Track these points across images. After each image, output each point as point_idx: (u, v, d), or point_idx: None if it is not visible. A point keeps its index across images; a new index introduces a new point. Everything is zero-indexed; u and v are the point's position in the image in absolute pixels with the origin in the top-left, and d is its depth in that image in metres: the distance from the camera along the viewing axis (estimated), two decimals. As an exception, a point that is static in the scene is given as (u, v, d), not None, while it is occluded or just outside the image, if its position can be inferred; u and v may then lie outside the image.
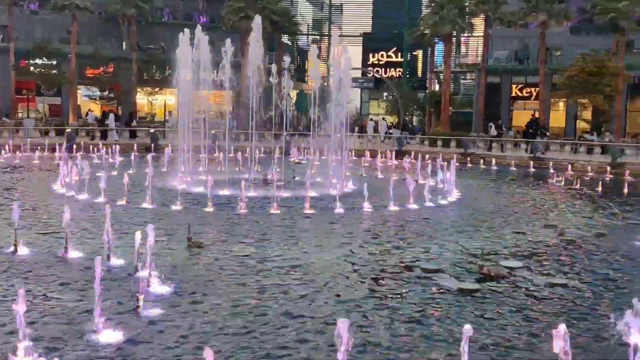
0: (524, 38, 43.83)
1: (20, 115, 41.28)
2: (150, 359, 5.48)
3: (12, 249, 9.04)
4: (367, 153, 28.00)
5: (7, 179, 18.56)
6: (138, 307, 6.59)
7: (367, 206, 14.06)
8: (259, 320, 6.51)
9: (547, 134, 34.06)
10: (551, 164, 26.93)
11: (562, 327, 4.51)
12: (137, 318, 6.44)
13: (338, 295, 7.48)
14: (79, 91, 42.54)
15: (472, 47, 52.78)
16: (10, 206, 11.78)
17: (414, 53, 56.79)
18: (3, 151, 26.30)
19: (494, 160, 28.92)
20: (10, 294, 6.97)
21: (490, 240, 11.09)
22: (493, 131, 34.46)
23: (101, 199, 14.04)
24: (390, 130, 41.55)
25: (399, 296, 7.57)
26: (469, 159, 29.69)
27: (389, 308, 7.09)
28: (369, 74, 55.52)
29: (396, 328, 6.44)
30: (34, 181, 18.47)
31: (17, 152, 26.34)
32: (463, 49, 53.37)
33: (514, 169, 27.02)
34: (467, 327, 4.69)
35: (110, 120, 36.56)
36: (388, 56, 56.42)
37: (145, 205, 13.65)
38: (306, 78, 54.08)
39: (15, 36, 40.37)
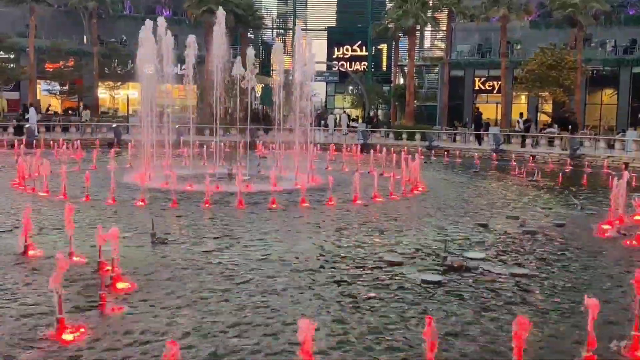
0: (486, 32, 44.49)
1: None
2: (114, 356, 5.41)
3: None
4: (332, 147, 28.07)
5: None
6: (101, 304, 6.50)
7: (332, 200, 14.12)
8: (222, 315, 6.49)
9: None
10: (513, 156, 27.44)
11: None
12: (100, 316, 6.35)
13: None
14: (38, 86, 41.60)
15: (436, 40, 53.29)
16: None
17: (379, 47, 57.17)
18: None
19: (457, 153, 29.34)
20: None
21: (453, 232, 11.24)
22: (521, 126, 33.90)
23: (62, 196, 13.79)
24: (355, 124, 41.76)
25: (360, 285, 7.63)
26: (433, 151, 30.05)
27: (352, 300, 7.13)
28: (334, 67, 55.64)
29: (356, 319, 6.48)
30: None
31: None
32: (427, 42, 53.82)
33: (477, 161, 27.43)
34: None
35: (31, 115, 34.00)
36: (353, 50, 56.63)
37: (107, 201, 13.46)
38: (271, 72, 53.87)
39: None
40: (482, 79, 45.88)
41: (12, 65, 40.43)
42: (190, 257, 8.92)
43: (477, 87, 46.14)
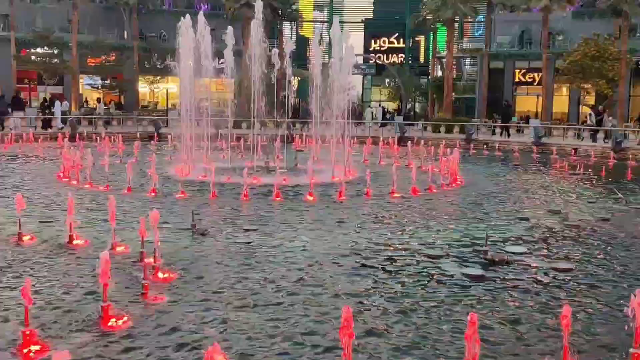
0: (527, 22, 43.61)
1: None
2: (156, 345, 5.51)
3: (16, 238, 9.06)
4: (369, 140, 27.95)
5: (11, 168, 18.60)
6: (144, 294, 6.62)
7: (370, 193, 14.07)
8: (263, 306, 6.54)
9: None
10: (555, 149, 26.88)
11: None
12: (143, 305, 6.47)
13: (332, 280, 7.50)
14: (80, 80, 42.50)
15: (475, 32, 52.47)
16: (13, 196, 11.83)
17: (417, 39, 56.52)
18: (6, 140, 26.35)
19: (497, 146, 28.89)
20: (17, 283, 7.01)
21: (494, 226, 11.08)
22: (592, 119, 33.20)
23: (104, 188, 14.10)
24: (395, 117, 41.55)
25: (402, 282, 7.59)
26: (472, 144, 29.65)
27: (393, 294, 7.10)
28: (371, 60, 55.30)
29: (397, 314, 6.45)
30: (37, 170, 18.46)
31: (20, 141, 26.37)
32: (466, 34, 53.03)
33: (517, 154, 26.97)
34: None
35: (56, 108, 34.52)
36: (390, 42, 56.15)
37: (149, 193, 13.69)
38: (308, 65, 53.85)
39: (16, 25, 40.26)
40: (523, 71, 45.05)
41: (55, 60, 41.36)
42: (230, 248, 9.01)
43: (517, 79, 45.31)
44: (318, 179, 15.85)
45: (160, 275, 7.38)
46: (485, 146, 29.48)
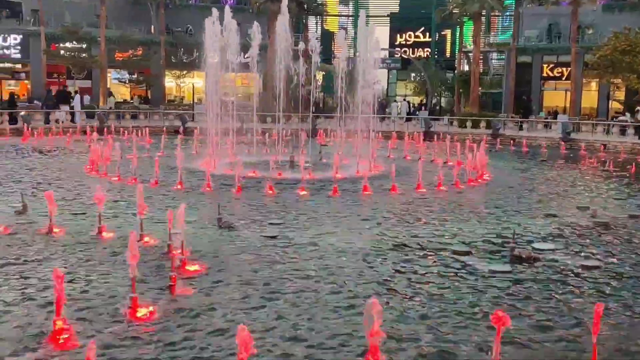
0: (555, 16, 42.92)
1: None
2: (184, 336, 5.58)
3: (47, 229, 9.24)
4: (394, 135, 27.84)
5: (39, 162, 18.93)
6: (171, 286, 6.70)
7: (395, 188, 14.02)
8: (287, 300, 6.57)
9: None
10: (583, 145, 26.49)
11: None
12: (170, 296, 6.55)
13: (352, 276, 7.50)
14: (108, 74, 43.02)
15: (502, 25, 51.84)
16: (44, 188, 12.07)
17: (443, 33, 56.08)
18: (35, 133, 26.79)
19: (524, 142, 28.55)
20: (48, 273, 7.15)
21: (521, 222, 10.96)
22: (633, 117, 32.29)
23: (132, 181, 14.30)
24: (418, 112, 41.33)
25: (428, 277, 7.56)
26: (498, 140, 29.35)
27: (419, 290, 7.08)
28: (396, 54, 55.00)
29: (425, 309, 6.43)
30: (66, 163, 18.77)
31: (49, 135, 26.82)
32: (493, 28, 52.41)
33: (545, 150, 26.62)
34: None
35: (76, 102, 34.69)
36: (416, 36, 55.80)
37: (175, 186, 13.83)
38: (333, 59, 53.76)
39: (46, 20, 40.90)
40: (551, 66, 44.36)
41: (84, 54, 41.93)
42: (255, 241, 9.07)
43: (545, 74, 44.65)
44: (343, 173, 15.86)
45: (187, 267, 7.46)
46: (512, 141, 29.15)
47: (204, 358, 5.19)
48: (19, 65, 43.76)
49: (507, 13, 47.23)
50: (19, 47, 42.93)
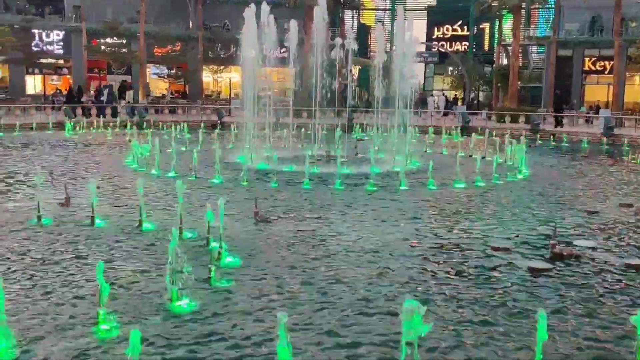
0: (597, 9, 41.87)
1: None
2: (222, 327, 5.65)
3: (89, 221, 9.45)
4: (431, 129, 27.59)
5: (81, 155, 19.36)
6: (209, 277, 6.79)
7: (432, 183, 13.91)
8: (322, 294, 6.59)
9: None
10: (625, 140, 25.82)
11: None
12: (209, 288, 6.63)
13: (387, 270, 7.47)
14: (147, 69, 43.69)
15: (542, 18, 50.78)
16: (86, 181, 12.33)
17: (481, 26, 55.21)
18: (77, 127, 27.44)
19: (564, 137, 27.97)
20: (91, 265, 7.32)
21: (562, 219, 10.76)
22: None
23: (172, 174, 14.52)
24: (455, 106, 40.88)
25: (466, 275, 7.49)
26: (538, 135, 28.83)
27: (457, 287, 7.02)
28: (434, 48, 54.42)
29: (462, 307, 6.37)
30: (107, 156, 19.16)
31: (90, 129, 27.41)
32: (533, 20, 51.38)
33: (586, 145, 26.06)
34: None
35: (105, 97, 35.26)
36: (453, 30, 55.08)
37: (213, 180, 14.00)
38: (369, 53, 53.52)
39: (87, 16, 41.74)
40: (593, 59, 43.32)
41: (124, 50, 42.67)
42: (292, 235, 9.12)
43: (586, 68, 43.63)
44: (379, 168, 15.79)
45: (225, 260, 7.54)
46: (552, 137, 28.59)
47: (242, 347, 5.24)
48: (61, 61, 44.81)
49: (548, 6, 46.21)
50: (61, 43, 43.96)
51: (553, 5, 44.24)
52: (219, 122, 31.24)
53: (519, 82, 42.53)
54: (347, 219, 10.43)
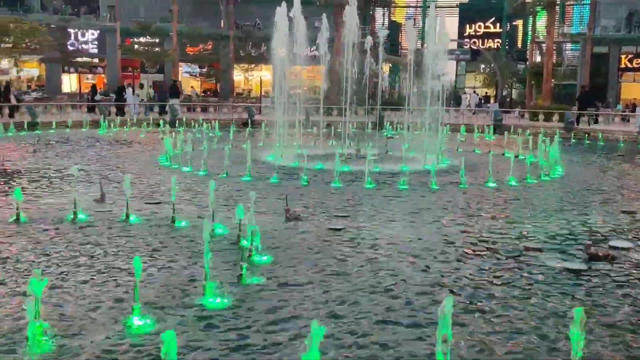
0: (634, 4, 40.92)
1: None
2: (253, 323, 5.68)
3: (124, 217, 9.61)
4: (463, 128, 27.33)
5: (115, 152, 19.70)
6: (241, 275, 6.84)
7: (463, 182, 13.78)
8: (353, 292, 6.58)
9: None
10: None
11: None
12: (240, 285, 6.68)
13: (428, 267, 7.42)
14: (180, 68, 44.24)
15: (577, 15, 49.85)
16: (120, 178, 12.56)
17: (514, 23, 54.49)
18: (112, 125, 27.91)
19: (600, 135, 27.43)
20: (126, 260, 7.44)
21: (596, 219, 10.56)
22: None
23: (203, 172, 14.67)
24: (488, 104, 40.45)
25: (499, 275, 7.40)
26: (572, 133, 28.33)
27: (489, 286, 6.94)
28: (466, 45, 53.90)
29: (495, 307, 6.30)
30: (141, 154, 19.45)
31: (124, 127, 27.84)
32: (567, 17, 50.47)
33: (622, 144, 25.50)
34: None
35: (128, 96, 35.76)
36: (486, 27, 54.52)
37: (244, 178, 14.09)
38: (399, 51, 53.25)
39: (120, 16, 42.43)
40: (629, 56, 42.38)
41: (157, 49, 43.27)
42: (323, 233, 9.12)
43: (622, 65, 42.71)
44: (410, 166, 15.71)
45: (255, 257, 7.59)
46: (586, 135, 28.05)
47: (274, 345, 5.27)
48: (95, 60, 45.65)
49: (583, 2, 45.36)
50: (96, 42, 44.80)
51: (588, 2, 43.38)
52: (249, 120, 31.45)
53: (553, 80, 41.84)
54: (377, 217, 10.40)
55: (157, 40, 44.02)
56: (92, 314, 5.83)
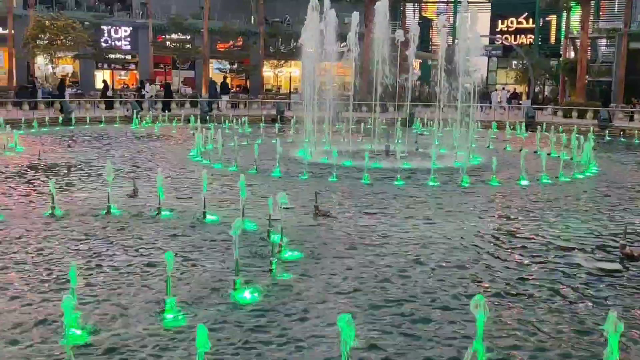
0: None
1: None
2: (283, 318, 5.71)
3: (155, 212, 9.74)
4: (494, 124, 27.00)
5: (148, 148, 19.95)
6: (271, 270, 6.89)
7: (495, 179, 13.62)
8: (381, 288, 6.57)
9: None
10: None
11: None
12: (270, 280, 6.72)
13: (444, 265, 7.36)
14: (210, 65, 44.54)
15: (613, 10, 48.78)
16: (153, 173, 12.73)
17: (547, 18, 53.56)
18: (144, 121, 28.28)
19: (636, 133, 26.82)
20: (158, 255, 7.54)
21: (631, 219, 10.34)
22: None
23: (234, 167, 14.78)
24: (520, 102, 39.90)
25: (531, 274, 7.31)
26: (607, 131, 27.77)
27: (522, 286, 6.86)
28: (498, 41, 53.18)
29: (532, 307, 6.22)
30: (172, 149, 19.66)
31: (156, 122, 28.19)
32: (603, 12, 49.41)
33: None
34: None
35: (147, 91, 36.33)
36: (518, 22, 53.70)
37: (273, 173, 14.15)
38: (430, 47, 52.80)
39: (153, 12, 42.91)
40: (668, 52, 41.26)
41: (188, 45, 43.64)
42: (352, 230, 9.12)
43: (660, 61, 41.59)
44: (440, 163, 15.59)
45: (285, 253, 7.62)
46: (621, 133, 27.46)
47: (303, 340, 5.29)
48: (128, 56, 46.26)
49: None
50: (128, 39, 45.36)
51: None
52: (279, 116, 31.54)
53: (587, 76, 41.02)
54: (407, 214, 10.35)
55: (188, 37, 44.42)
56: (125, 305, 5.93)
